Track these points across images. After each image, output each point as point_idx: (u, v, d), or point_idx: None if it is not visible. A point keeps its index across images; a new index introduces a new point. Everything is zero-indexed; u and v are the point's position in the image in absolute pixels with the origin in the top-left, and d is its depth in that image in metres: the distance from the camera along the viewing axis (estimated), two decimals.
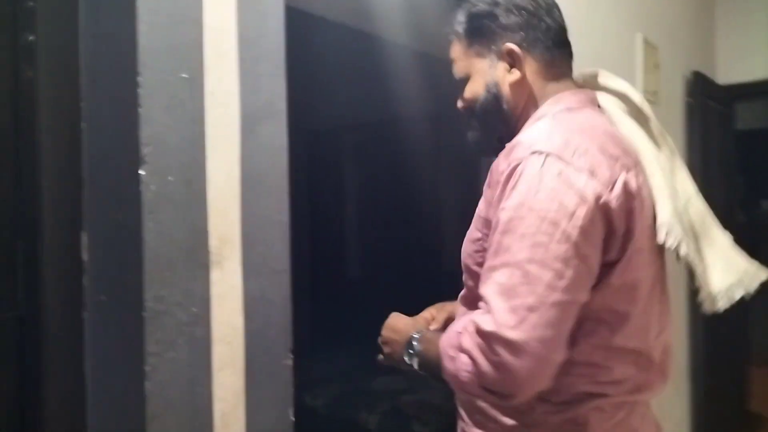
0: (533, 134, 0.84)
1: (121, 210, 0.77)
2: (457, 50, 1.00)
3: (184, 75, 0.79)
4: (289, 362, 0.92)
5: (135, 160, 0.75)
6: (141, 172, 0.75)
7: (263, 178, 0.90)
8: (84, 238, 0.82)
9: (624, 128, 0.96)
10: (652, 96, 2.39)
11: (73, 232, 0.83)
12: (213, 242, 0.83)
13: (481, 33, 0.97)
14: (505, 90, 0.95)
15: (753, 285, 0.96)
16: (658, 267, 0.92)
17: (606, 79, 1.05)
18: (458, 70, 1.00)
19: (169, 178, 0.77)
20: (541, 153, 0.79)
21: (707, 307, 0.95)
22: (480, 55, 0.97)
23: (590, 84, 1.04)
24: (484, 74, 0.97)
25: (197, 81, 0.81)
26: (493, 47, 0.96)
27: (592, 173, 0.79)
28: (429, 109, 3.12)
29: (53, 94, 0.83)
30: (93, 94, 0.82)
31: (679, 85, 2.72)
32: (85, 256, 0.82)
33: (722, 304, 0.95)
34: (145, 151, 0.75)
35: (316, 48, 2.65)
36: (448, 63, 1.02)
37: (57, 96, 0.83)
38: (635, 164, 0.87)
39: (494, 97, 0.96)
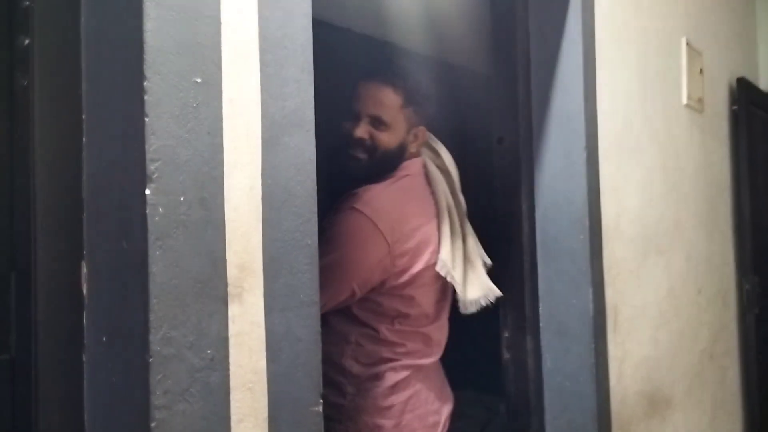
0: (369, 194, 1.26)
1: (125, 236, 0.66)
2: (392, 99, 1.30)
3: (198, 79, 0.69)
4: (319, 408, 0.80)
5: (141, 178, 0.64)
6: (147, 191, 0.64)
7: (289, 197, 0.79)
8: (84, 269, 0.72)
9: (438, 187, 1.36)
10: (696, 103, 2.24)
11: (71, 261, 0.72)
12: (232, 272, 0.71)
13: (414, 106, 1.33)
14: (405, 153, 1.35)
15: (491, 297, 1.38)
16: (439, 284, 1.35)
17: (433, 142, 1.44)
18: (385, 114, 1.28)
19: (181, 198, 0.66)
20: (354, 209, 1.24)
21: (462, 310, 1.36)
22: (407, 119, 1.32)
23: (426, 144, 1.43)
24: (400, 134, 1.32)
25: (214, 86, 0.70)
26: (413, 121, 1.33)
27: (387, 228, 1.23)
28: (455, 120, 2.99)
29: (51, 105, 0.73)
30: (95, 104, 0.72)
31: (724, 92, 2.57)
32: (85, 289, 0.71)
33: (472, 309, 1.36)
34: (153, 167, 0.64)
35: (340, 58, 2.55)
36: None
37: (55, 107, 0.73)
38: (430, 218, 1.32)
39: (397, 153, 1.33)
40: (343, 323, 1.32)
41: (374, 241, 1.23)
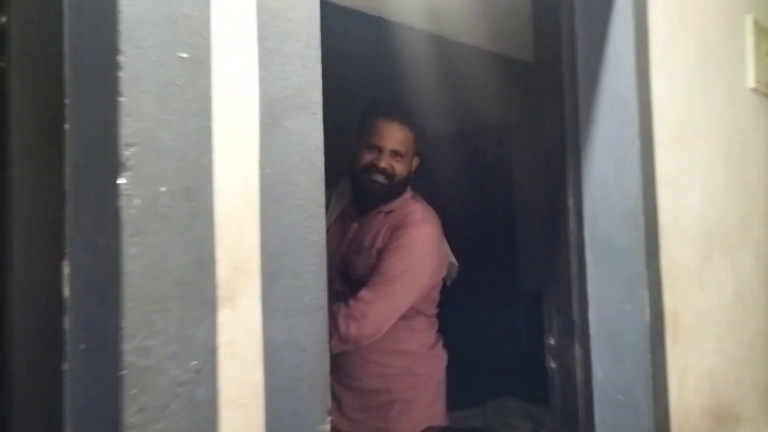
0: (424, 210, 1.61)
1: (101, 232, 0.59)
2: (408, 137, 1.58)
3: (183, 54, 0.61)
4: (327, 427, 0.71)
5: (113, 166, 0.56)
6: (121, 181, 0.56)
7: (292, 188, 0.70)
8: (66, 269, 0.65)
9: None
10: (765, 87, 2.03)
11: (53, 260, 0.65)
12: (222, 273, 0.63)
13: (420, 140, 1.62)
14: (411, 176, 1.65)
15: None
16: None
17: None
18: (402, 148, 1.57)
19: (162, 188, 0.59)
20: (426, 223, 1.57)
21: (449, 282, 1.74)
22: (414, 151, 1.63)
23: None
24: (410, 163, 1.62)
25: (202, 63, 0.62)
26: (415, 151, 1.63)
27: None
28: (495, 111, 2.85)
29: (31, 89, 0.66)
30: (76, 86, 0.65)
31: None
32: (66, 291, 0.65)
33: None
34: (128, 153, 0.56)
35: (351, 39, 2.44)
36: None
37: (35, 91, 0.67)
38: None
39: (407, 177, 1.62)
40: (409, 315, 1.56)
41: (440, 246, 1.61)
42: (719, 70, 1.75)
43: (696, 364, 1.51)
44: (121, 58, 0.57)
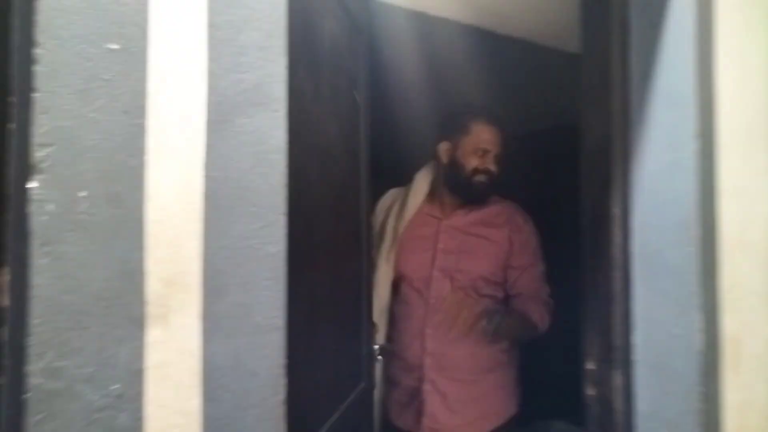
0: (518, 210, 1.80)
1: (18, 240, 0.54)
2: (502, 140, 1.70)
3: (113, 46, 0.55)
4: None
5: (25, 169, 0.51)
6: (32, 185, 0.51)
7: (245, 193, 0.63)
8: (6, 277, 0.61)
9: None
10: None
11: None
12: (153, 287, 0.57)
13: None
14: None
15: None
16: None
17: None
18: (501, 151, 1.70)
19: (80, 193, 0.53)
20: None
21: None
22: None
23: None
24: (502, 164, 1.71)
25: (135, 55, 0.56)
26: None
27: None
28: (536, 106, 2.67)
29: None
30: (18, 81, 0.61)
31: None
32: (6, 300, 0.61)
33: None
34: (41, 154, 0.51)
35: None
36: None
37: None
38: None
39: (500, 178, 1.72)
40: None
41: None
42: None
43: (760, 399, 1.31)
44: (38, 51, 0.52)
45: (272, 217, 0.64)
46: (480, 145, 1.69)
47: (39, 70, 0.52)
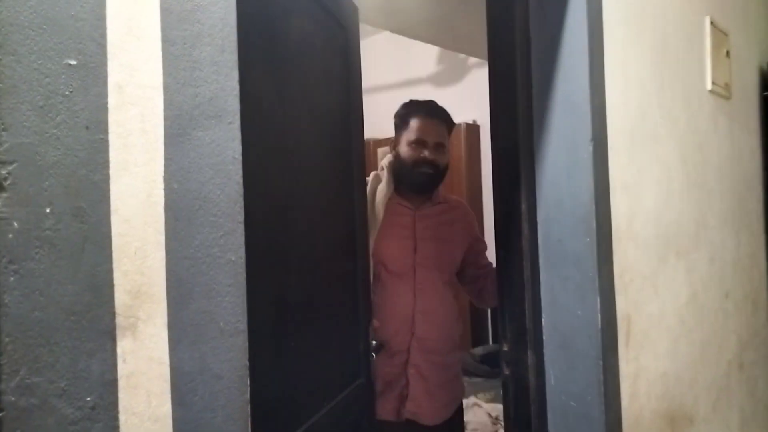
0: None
1: None
2: (445, 131, 1.86)
3: (71, 61, 0.55)
4: None
5: None
6: None
7: (204, 204, 0.65)
8: None
9: None
10: (723, 89, 2.04)
11: None
12: (121, 299, 0.58)
13: (450, 132, 1.90)
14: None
15: None
16: None
17: None
18: (444, 141, 1.85)
19: (47, 209, 0.53)
20: None
21: None
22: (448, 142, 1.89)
23: None
24: (447, 153, 1.88)
25: (94, 69, 0.57)
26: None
27: None
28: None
29: None
30: None
31: (754, 76, 2.35)
32: None
33: None
34: (4, 172, 0.51)
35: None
36: None
37: None
38: None
39: (447, 167, 1.88)
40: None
41: None
42: (677, 71, 1.74)
43: (649, 368, 1.50)
44: None
45: (230, 225, 0.67)
46: (415, 137, 1.78)
47: None
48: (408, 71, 4.42)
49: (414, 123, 1.81)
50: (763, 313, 2.30)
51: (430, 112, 1.82)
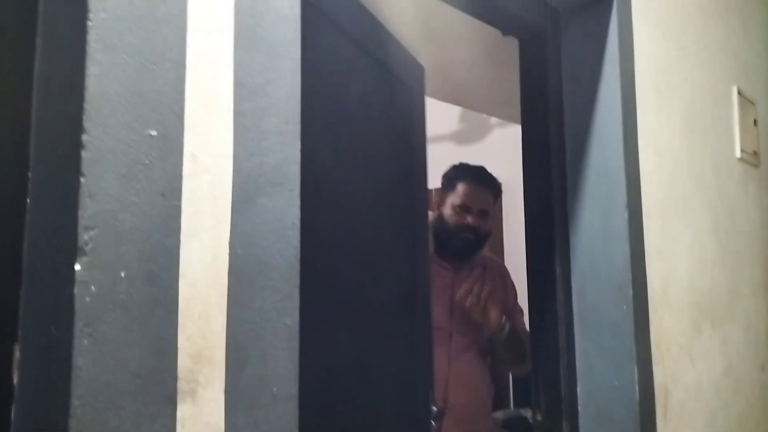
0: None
1: (54, 321, 0.55)
2: (491, 198, 1.89)
3: (152, 132, 0.58)
4: None
5: (71, 250, 0.53)
6: (77, 267, 0.52)
7: (264, 269, 0.66)
8: (17, 353, 0.60)
9: None
10: (751, 157, 2.05)
11: (3, 342, 0.61)
12: (183, 362, 0.58)
13: (496, 200, 1.94)
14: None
15: None
16: None
17: None
18: (489, 208, 1.87)
19: (122, 274, 0.55)
20: None
21: None
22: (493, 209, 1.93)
23: None
24: (491, 220, 1.91)
25: (172, 140, 0.60)
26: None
27: None
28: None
29: None
30: (41, 160, 0.62)
31: None
32: (15, 378, 0.60)
33: None
34: (86, 237, 0.53)
35: None
36: None
37: None
38: None
39: (489, 233, 1.93)
40: None
41: None
42: (706, 140, 1.76)
43: None
44: (84, 137, 0.54)
45: (288, 290, 0.68)
46: (461, 202, 1.81)
47: (85, 155, 0.54)
48: (430, 128, 4.50)
49: (461, 188, 1.83)
50: None
51: (478, 178, 1.84)
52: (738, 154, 1.95)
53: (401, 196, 1.38)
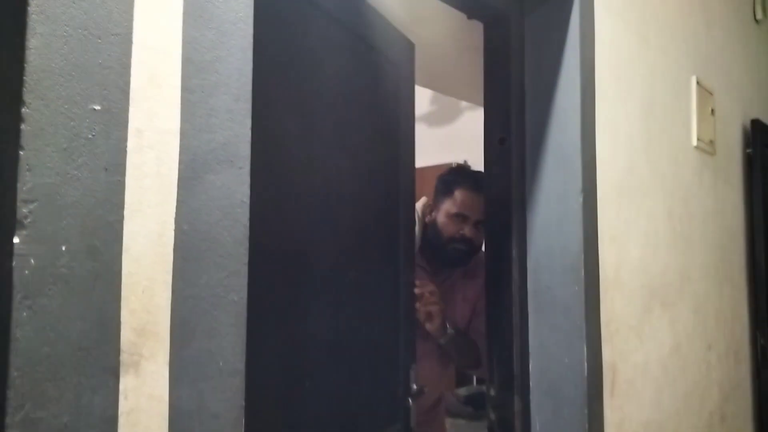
0: None
1: None
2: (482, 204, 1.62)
3: (96, 107, 0.58)
4: None
5: (10, 223, 0.53)
6: (15, 240, 0.52)
7: (211, 245, 0.67)
8: None
9: None
10: (707, 145, 2.12)
11: None
12: (127, 336, 0.59)
13: None
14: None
15: None
16: None
17: None
18: (478, 218, 1.70)
19: (63, 247, 0.55)
20: None
21: None
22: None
23: None
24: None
25: (117, 115, 0.60)
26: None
27: None
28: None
29: None
30: (7, 140, 0.61)
31: (737, 134, 2.44)
32: None
33: None
34: (25, 210, 0.53)
35: None
36: None
37: None
38: None
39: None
40: None
41: None
42: (664, 128, 1.81)
43: (633, 417, 1.52)
44: (25, 110, 0.54)
45: (236, 266, 0.69)
46: (457, 210, 1.71)
47: (25, 128, 0.54)
48: None
49: (459, 195, 1.72)
50: (745, 365, 2.33)
51: (477, 184, 1.68)
52: (695, 142, 2.01)
53: (388, 175, 1.37)
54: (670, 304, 1.74)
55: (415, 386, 1.39)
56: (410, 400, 1.38)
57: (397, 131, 1.44)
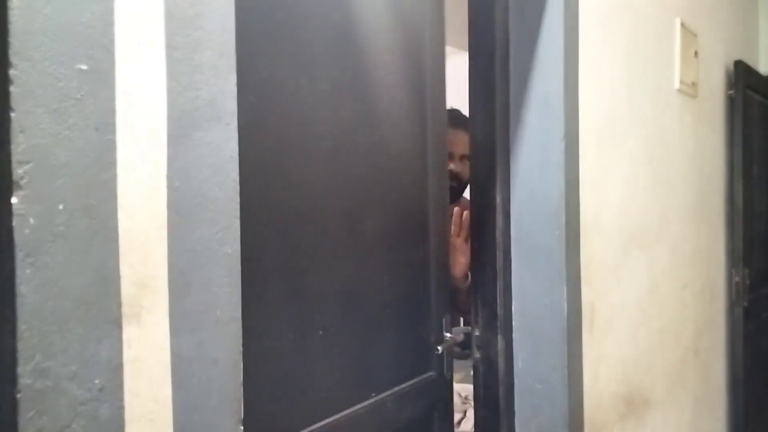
0: None
1: (2, 254, 0.57)
2: (467, 139, 1.56)
3: (82, 66, 0.59)
4: None
5: (7, 184, 0.54)
6: (14, 200, 0.54)
7: (203, 201, 0.69)
8: None
9: None
10: (690, 88, 2.13)
11: None
12: (127, 289, 0.62)
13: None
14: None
15: None
16: None
17: None
18: (467, 154, 1.63)
19: (60, 206, 0.57)
20: None
21: None
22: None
23: None
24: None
25: (103, 74, 0.60)
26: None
27: None
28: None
29: None
30: None
31: (720, 75, 2.46)
32: None
33: None
34: (21, 171, 0.54)
35: None
36: None
37: None
38: None
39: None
40: None
41: None
42: (646, 71, 1.82)
43: (610, 354, 1.60)
44: (13, 72, 0.54)
45: (227, 221, 0.71)
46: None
47: (14, 90, 0.54)
48: None
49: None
50: (719, 302, 2.44)
51: (456, 121, 1.70)
52: (677, 85, 2.02)
53: (413, 117, 1.26)
54: (648, 246, 1.80)
55: (448, 335, 1.33)
56: (439, 349, 1.31)
57: (422, 69, 1.31)
